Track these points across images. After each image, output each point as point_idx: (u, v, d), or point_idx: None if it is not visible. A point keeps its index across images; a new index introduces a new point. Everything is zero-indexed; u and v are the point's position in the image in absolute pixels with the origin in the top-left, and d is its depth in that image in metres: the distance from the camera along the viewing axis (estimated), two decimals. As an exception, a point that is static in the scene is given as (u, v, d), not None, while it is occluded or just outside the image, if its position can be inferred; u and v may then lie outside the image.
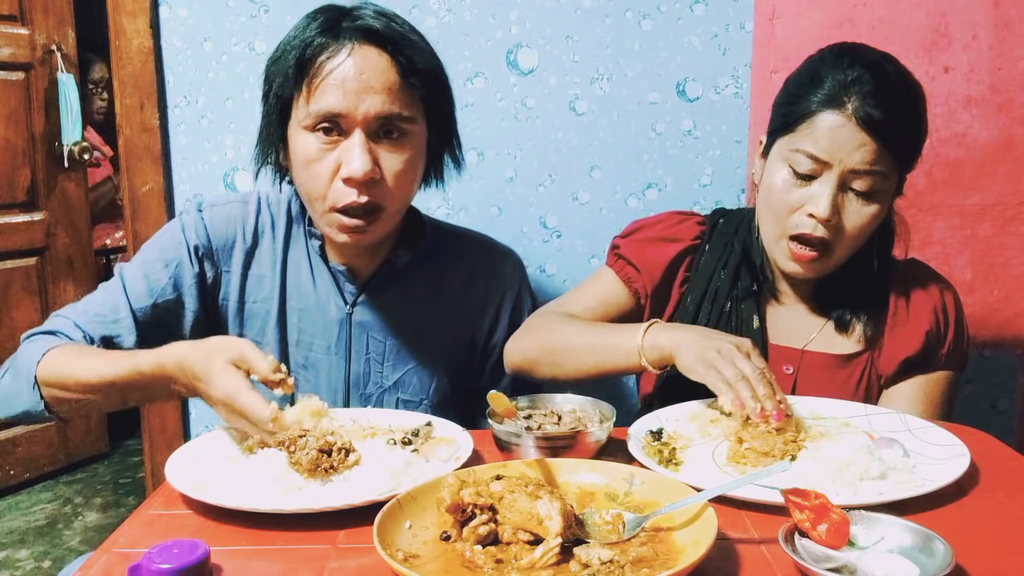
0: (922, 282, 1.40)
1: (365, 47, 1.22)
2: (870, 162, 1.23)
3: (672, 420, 1.24)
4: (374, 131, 1.23)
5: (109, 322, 1.33)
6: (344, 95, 1.20)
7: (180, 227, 1.39)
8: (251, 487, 1.00)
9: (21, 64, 2.96)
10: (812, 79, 1.28)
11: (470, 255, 1.47)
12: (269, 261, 1.40)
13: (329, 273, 1.39)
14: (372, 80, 1.21)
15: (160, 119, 1.86)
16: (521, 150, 1.87)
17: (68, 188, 3.16)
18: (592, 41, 1.83)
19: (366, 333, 1.40)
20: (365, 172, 1.21)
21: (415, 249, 1.42)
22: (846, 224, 1.27)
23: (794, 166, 1.27)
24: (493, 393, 1.16)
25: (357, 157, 1.21)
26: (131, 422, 2.79)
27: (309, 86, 1.22)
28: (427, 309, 1.42)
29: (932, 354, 1.36)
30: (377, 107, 1.21)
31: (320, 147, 1.23)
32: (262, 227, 1.41)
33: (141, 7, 1.81)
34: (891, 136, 1.23)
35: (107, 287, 1.38)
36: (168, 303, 1.36)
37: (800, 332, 1.41)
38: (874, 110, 1.21)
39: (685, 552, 0.85)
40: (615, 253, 1.49)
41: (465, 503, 0.89)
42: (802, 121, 1.26)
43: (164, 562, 0.80)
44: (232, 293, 1.40)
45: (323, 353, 1.40)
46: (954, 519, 0.96)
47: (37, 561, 2.62)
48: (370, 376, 1.41)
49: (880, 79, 1.24)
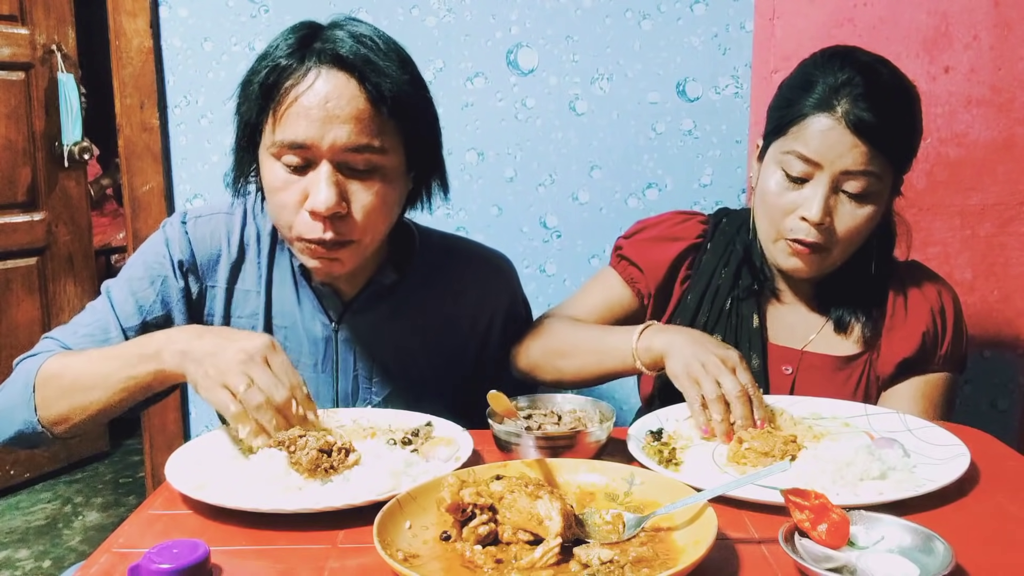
0: (920, 284, 1.40)
1: (332, 71, 1.13)
2: (862, 164, 1.23)
3: (672, 420, 1.24)
4: (342, 162, 1.15)
5: (99, 342, 1.28)
6: (309, 124, 1.12)
7: (164, 241, 1.34)
8: (251, 487, 1.00)
9: (21, 64, 2.96)
10: (804, 83, 1.28)
11: (459, 271, 1.41)
12: (254, 277, 1.35)
13: (312, 292, 1.34)
14: (337, 109, 1.12)
15: (160, 119, 1.86)
16: (521, 150, 1.87)
17: (68, 187, 3.16)
18: (592, 41, 1.83)
19: (352, 351, 1.35)
20: (328, 207, 1.14)
21: (403, 268, 1.37)
22: (840, 227, 1.27)
23: (787, 169, 1.28)
24: (493, 393, 1.15)
25: (322, 191, 1.14)
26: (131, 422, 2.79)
27: (275, 113, 1.14)
28: (416, 327, 1.38)
29: (929, 355, 1.36)
30: (343, 138, 1.13)
31: (287, 177, 1.16)
32: (247, 240, 1.35)
33: (141, 7, 1.81)
34: (882, 139, 1.23)
35: (94, 307, 1.33)
36: (157, 320, 1.32)
37: (799, 332, 1.41)
38: (864, 113, 1.22)
39: (685, 552, 0.85)
40: (618, 254, 1.50)
41: (465, 503, 0.89)
42: (794, 124, 1.27)
43: (164, 562, 0.80)
44: (217, 308, 1.35)
45: (310, 371, 1.36)
46: (954, 519, 0.96)
47: (37, 561, 2.62)
48: (358, 394, 1.37)
49: (871, 82, 1.24)
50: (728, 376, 1.14)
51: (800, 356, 1.39)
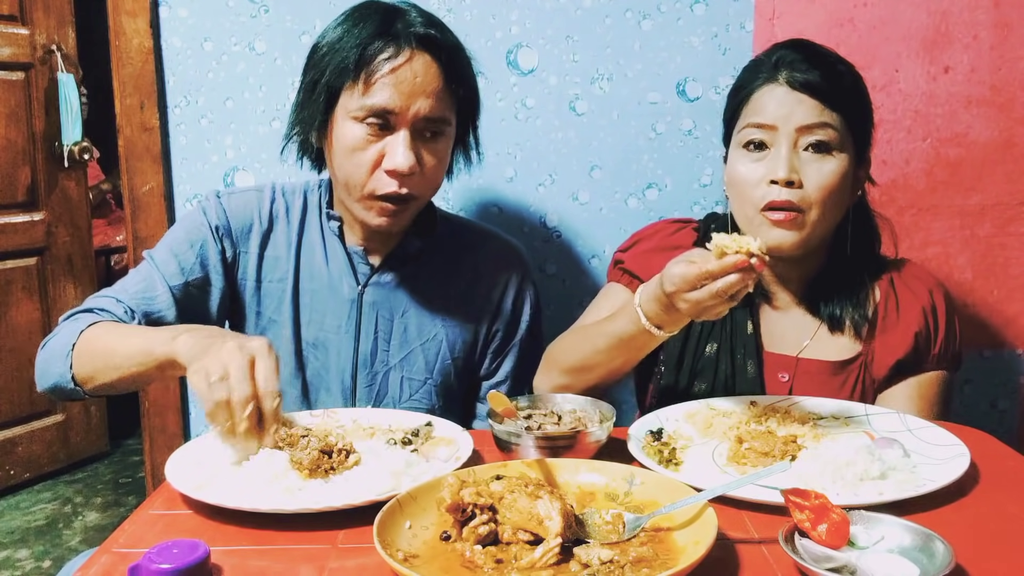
0: (911, 282, 1.40)
1: (422, 52, 1.31)
2: (814, 116, 1.29)
3: (672, 420, 1.24)
4: (418, 129, 1.32)
5: (149, 299, 1.39)
6: (398, 95, 1.29)
7: (202, 210, 1.46)
8: (251, 487, 1.00)
9: (21, 64, 2.95)
10: (747, 71, 1.40)
11: (478, 246, 1.53)
12: (284, 243, 1.47)
13: (344, 254, 1.46)
14: (424, 84, 1.30)
15: (160, 119, 1.86)
16: (521, 150, 1.87)
17: (68, 188, 3.16)
18: (592, 41, 1.83)
19: (375, 312, 1.46)
20: (410, 166, 1.30)
21: (427, 237, 1.49)
22: (810, 185, 1.29)
23: (747, 145, 1.33)
24: (493, 393, 1.16)
25: (402, 153, 1.29)
26: (131, 422, 2.79)
27: (367, 81, 1.29)
28: (434, 293, 1.48)
29: (923, 355, 1.36)
30: (425, 110, 1.30)
31: (366, 138, 1.31)
32: (276, 213, 1.49)
33: (141, 7, 1.81)
34: (827, 93, 1.30)
35: (139, 270, 1.44)
36: (197, 281, 1.43)
37: (794, 337, 1.41)
38: (805, 74, 1.30)
39: (685, 552, 0.85)
40: (620, 268, 1.50)
41: (465, 503, 0.89)
42: (744, 104, 1.36)
43: (164, 562, 0.80)
44: (250, 272, 1.47)
45: (333, 332, 1.46)
46: (954, 519, 0.96)
47: (37, 561, 2.62)
48: (376, 355, 1.46)
49: (807, 50, 1.35)
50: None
51: (796, 363, 1.39)
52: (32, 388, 1.44)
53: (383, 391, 1.46)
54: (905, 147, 1.82)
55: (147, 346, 1.22)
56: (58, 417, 3.20)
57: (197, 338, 1.16)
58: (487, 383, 1.52)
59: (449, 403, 1.49)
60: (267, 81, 1.85)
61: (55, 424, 3.19)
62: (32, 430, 3.11)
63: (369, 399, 1.46)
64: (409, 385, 1.47)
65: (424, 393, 1.47)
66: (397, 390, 1.46)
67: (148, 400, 1.95)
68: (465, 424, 1.27)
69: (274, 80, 1.84)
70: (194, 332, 1.19)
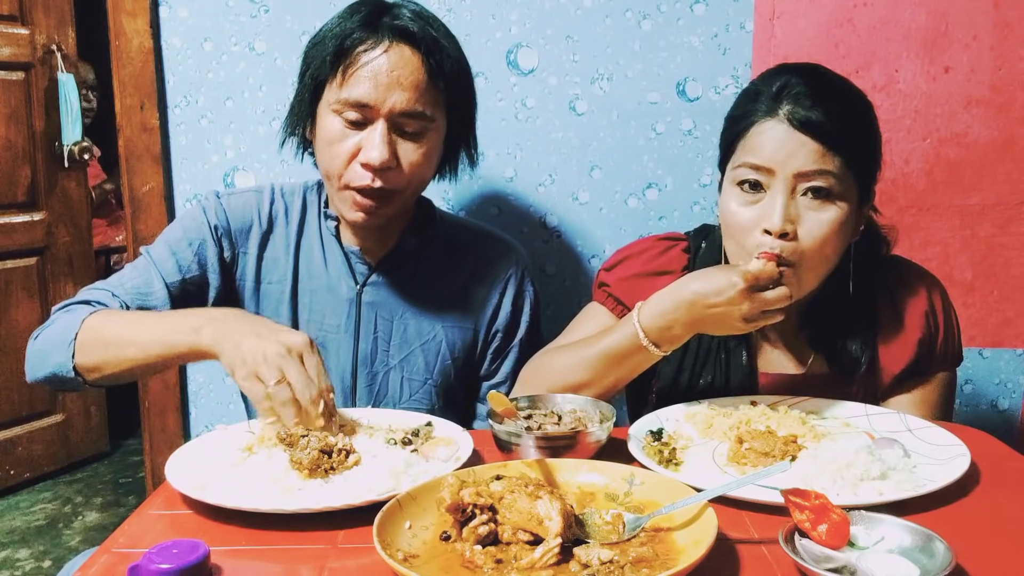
0: (908, 285, 1.36)
1: (400, 45, 1.29)
2: (814, 162, 1.18)
3: (672, 420, 1.24)
4: (395, 124, 1.31)
5: (144, 294, 1.38)
6: (374, 87, 1.28)
7: (202, 210, 1.46)
8: (251, 487, 1.00)
9: (21, 64, 2.96)
10: (746, 99, 1.27)
11: (476, 246, 1.53)
12: (283, 244, 1.48)
13: (342, 253, 1.46)
14: (402, 78, 1.29)
15: (160, 119, 1.86)
16: (521, 150, 1.87)
17: (68, 188, 3.16)
18: (592, 41, 1.83)
19: (375, 312, 1.46)
20: (382, 161, 1.29)
21: (424, 236, 1.49)
22: (805, 236, 1.19)
23: (742, 184, 1.23)
24: (493, 393, 1.16)
25: (376, 147, 1.29)
26: (131, 422, 2.79)
27: (344, 73, 1.30)
28: (433, 293, 1.48)
29: (926, 361, 1.35)
30: (402, 104, 1.29)
31: (343, 131, 1.31)
32: (276, 214, 1.49)
33: (141, 7, 1.81)
34: (831, 135, 1.19)
35: (135, 266, 1.44)
36: (194, 279, 1.42)
37: (790, 366, 1.38)
38: (808, 111, 1.19)
39: (685, 552, 0.85)
40: (605, 291, 1.44)
41: (465, 503, 0.89)
42: (741, 138, 1.25)
43: (164, 562, 0.80)
44: (249, 273, 1.47)
45: (333, 332, 1.46)
46: (954, 519, 0.96)
47: (37, 561, 2.62)
48: (376, 355, 1.46)
49: (810, 81, 1.22)
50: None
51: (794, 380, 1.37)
52: (32, 388, 1.44)
53: (383, 391, 1.46)
54: (905, 147, 1.82)
55: (165, 336, 1.22)
56: (58, 417, 3.21)
57: (225, 330, 1.16)
58: (487, 383, 1.52)
59: (449, 403, 1.49)
60: (267, 81, 1.85)
61: (55, 424, 3.20)
62: (32, 430, 3.11)
63: (369, 399, 1.46)
64: (409, 385, 1.47)
65: (424, 393, 1.47)
66: (397, 390, 1.47)
67: (148, 400, 1.95)
68: (465, 424, 1.27)
69: (274, 80, 1.85)
70: (217, 322, 1.18)
